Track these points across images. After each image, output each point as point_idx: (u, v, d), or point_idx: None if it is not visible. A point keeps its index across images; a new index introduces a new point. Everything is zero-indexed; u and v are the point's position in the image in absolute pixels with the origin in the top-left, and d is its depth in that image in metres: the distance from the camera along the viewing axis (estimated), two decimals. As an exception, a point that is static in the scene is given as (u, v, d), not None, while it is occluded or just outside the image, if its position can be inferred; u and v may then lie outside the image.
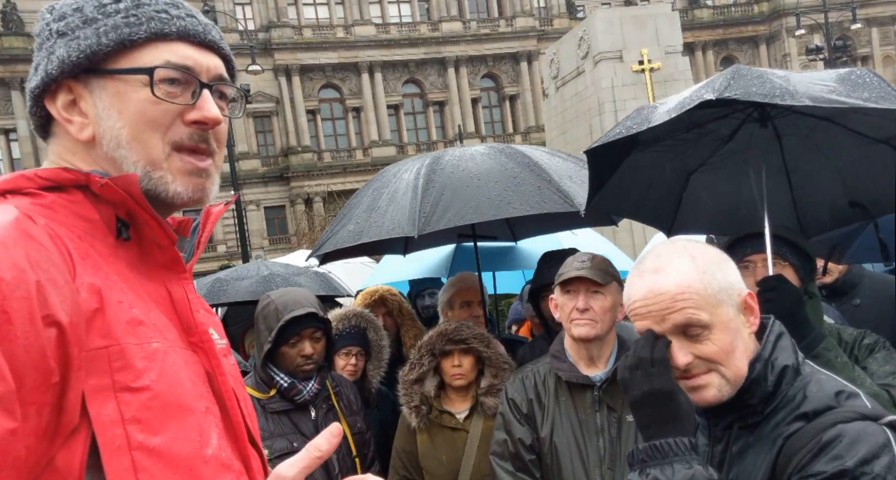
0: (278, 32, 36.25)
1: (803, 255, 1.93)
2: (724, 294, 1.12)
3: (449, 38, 38.57)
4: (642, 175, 2.26)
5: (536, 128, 36.43)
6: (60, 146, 0.82)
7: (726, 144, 2.17)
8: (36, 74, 0.80)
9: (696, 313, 1.10)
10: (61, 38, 0.79)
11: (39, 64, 0.81)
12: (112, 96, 0.79)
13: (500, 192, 2.49)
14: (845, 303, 2.88)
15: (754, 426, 1.13)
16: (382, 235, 2.59)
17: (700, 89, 1.71)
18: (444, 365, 2.39)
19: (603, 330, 1.98)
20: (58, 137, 0.82)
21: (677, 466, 1.05)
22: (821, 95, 1.58)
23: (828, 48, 23.40)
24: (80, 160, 0.81)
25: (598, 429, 1.94)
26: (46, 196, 0.75)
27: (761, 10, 41.74)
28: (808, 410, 1.08)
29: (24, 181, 0.75)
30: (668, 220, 2.47)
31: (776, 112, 1.97)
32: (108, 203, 0.77)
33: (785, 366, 1.13)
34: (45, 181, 0.75)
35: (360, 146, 37.77)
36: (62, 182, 0.76)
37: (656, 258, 1.16)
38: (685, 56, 16.14)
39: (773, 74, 1.66)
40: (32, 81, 0.80)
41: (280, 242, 34.21)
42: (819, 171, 2.21)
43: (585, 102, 15.75)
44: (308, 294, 2.35)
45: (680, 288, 1.11)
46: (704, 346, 1.11)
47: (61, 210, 0.75)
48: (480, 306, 3.21)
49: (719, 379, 1.11)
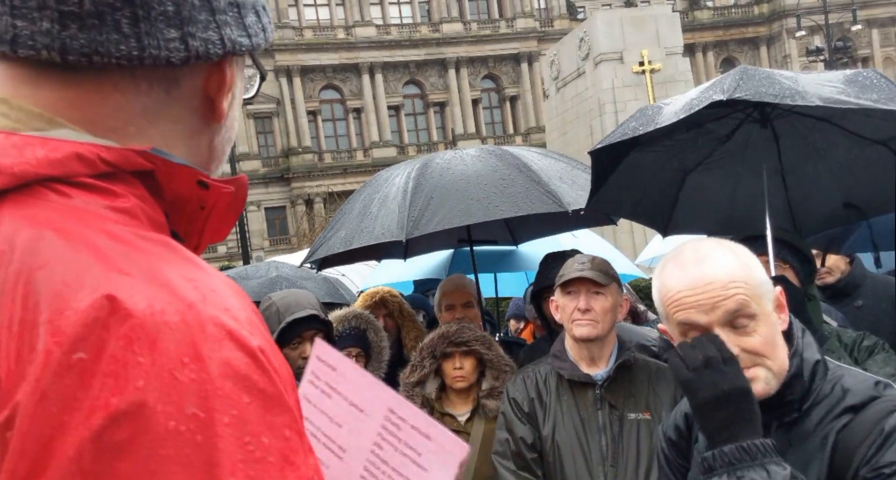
0: (279, 33, 36.28)
1: (803, 257, 1.94)
2: (765, 288, 1.13)
3: (450, 39, 38.61)
4: (640, 175, 2.27)
5: (537, 129, 36.44)
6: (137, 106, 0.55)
7: (724, 145, 2.18)
8: (241, 26, 0.58)
9: (747, 300, 1.09)
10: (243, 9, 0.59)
11: (241, 12, 0.58)
12: (240, 79, 0.63)
13: (488, 194, 2.50)
14: (847, 304, 2.88)
15: (792, 424, 1.12)
16: (373, 240, 2.60)
17: (708, 90, 1.71)
18: (446, 367, 2.40)
19: (604, 331, 1.99)
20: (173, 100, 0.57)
21: (773, 468, 1.01)
22: (830, 96, 1.59)
23: (828, 49, 23.41)
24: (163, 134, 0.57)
25: (600, 427, 1.95)
26: (122, 195, 0.52)
27: (761, 11, 41.76)
28: (854, 403, 1.08)
29: (80, 165, 0.50)
30: (663, 220, 2.47)
31: (776, 113, 1.98)
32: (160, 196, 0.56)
33: (816, 361, 1.13)
34: (106, 167, 0.51)
35: (360, 147, 37.80)
36: (127, 168, 0.52)
37: (695, 252, 1.15)
38: (686, 57, 16.16)
39: (780, 75, 1.67)
40: (238, 33, 0.57)
41: (280, 242, 34.23)
42: (815, 172, 2.22)
43: (586, 103, 15.76)
44: (309, 296, 2.35)
45: (731, 276, 1.09)
46: (752, 338, 1.09)
47: (142, 217, 0.52)
48: (470, 308, 3.18)
49: (766, 372, 1.09)
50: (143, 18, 0.52)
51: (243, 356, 0.45)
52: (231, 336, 0.45)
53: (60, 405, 0.40)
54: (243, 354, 0.45)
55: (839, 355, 1.71)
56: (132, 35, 0.52)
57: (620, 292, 2.07)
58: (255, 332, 0.47)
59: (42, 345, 0.41)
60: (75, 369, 0.41)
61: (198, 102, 0.59)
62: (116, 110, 0.54)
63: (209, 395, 0.42)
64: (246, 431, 0.43)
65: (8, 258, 0.44)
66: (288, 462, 0.44)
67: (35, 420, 0.40)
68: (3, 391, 0.41)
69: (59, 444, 0.40)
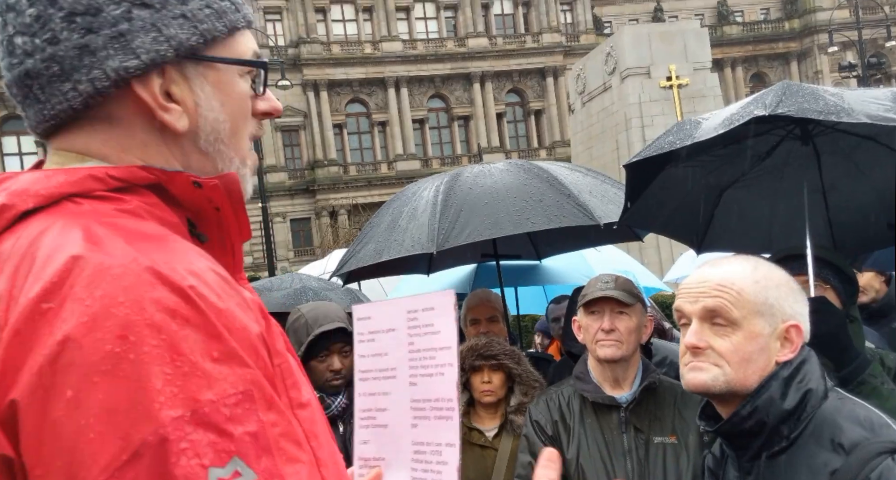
0: (307, 48, 36.88)
1: (845, 277, 1.89)
2: (767, 311, 1.14)
3: (475, 53, 38.84)
4: (675, 190, 2.24)
5: (562, 143, 36.35)
6: (124, 137, 0.68)
7: (762, 162, 2.14)
8: (128, 51, 0.65)
9: (728, 305, 1.13)
10: (147, 11, 0.66)
11: (127, 37, 0.65)
12: (213, 86, 0.70)
13: (518, 207, 2.50)
14: (885, 326, 2.81)
15: (781, 453, 1.11)
16: (402, 252, 2.60)
17: (749, 105, 1.69)
18: (474, 381, 2.38)
19: (628, 351, 1.96)
20: (117, 126, 0.68)
21: None
22: (878, 114, 1.55)
23: (861, 66, 23.02)
24: (154, 153, 0.69)
25: (626, 451, 1.92)
26: (128, 200, 0.64)
27: (792, 26, 41.26)
28: (844, 442, 1.06)
29: (94, 182, 0.64)
30: (698, 236, 2.44)
31: (818, 130, 1.94)
32: (179, 205, 0.68)
33: (809, 389, 1.12)
34: (116, 182, 0.64)
35: (385, 160, 38.07)
36: (136, 182, 0.65)
37: (723, 259, 1.22)
38: (714, 72, 16.03)
39: (825, 91, 1.64)
40: (122, 59, 0.65)
41: (305, 253, 34.50)
42: (857, 190, 2.17)
43: (612, 118, 15.70)
44: (337, 309, 2.36)
45: (725, 281, 1.15)
46: (722, 341, 1.14)
47: (147, 217, 0.64)
48: (495, 322, 3.15)
49: (717, 372, 1.13)
50: (45, 85, 0.67)
51: (173, 296, 0.56)
52: (163, 281, 0.56)
53: (29, 338, 0.54)
54: (173, 294, 0.56)
55: (882, 379, 1.66)
56: (46, 99, 0.67)
57: (645, 311, 2.04)
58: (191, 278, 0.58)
59: (23, 297, 0.56)
60: (45, 314, 0.54)
61: (145, 123, 0.69)
62: (101, 149, 0.69)
63: (139, 324, 0.54)
64: (174, 350, 0.54)
65: (24, 243, 0.59)
66: (215, 372, 0.55)
67: (10, 348, 0.54)
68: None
69: (27, 365, 0.53)
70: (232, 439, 0.54)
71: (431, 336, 1.01)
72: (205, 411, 0.53)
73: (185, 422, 0.52)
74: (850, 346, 1.69)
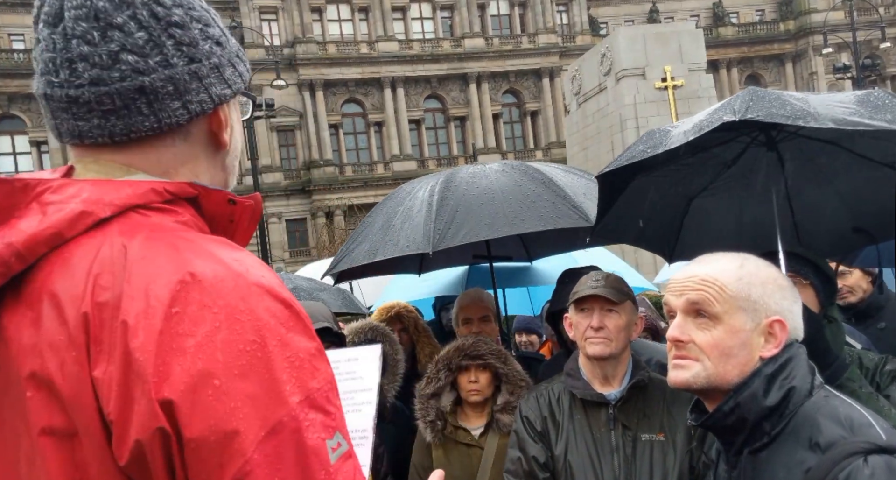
0: (303, 48, 36.86)
1: (824, 276, 1.89)
2: (750, 306, 1.15)
3: (471, 54, 38.88)
4: (645, 201, 2.24)
5: (558, 144, 36.40)
6: (188, 152, 0.80)
7: (729, 169, 2.15)
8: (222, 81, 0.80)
9: (709, 299, 1.16)
10: (219, 48, 0.80)
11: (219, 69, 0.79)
12: (235, 111, 0.85)
13: (514, 208, 2.50)
14: (870, 326, 2.82)
15: (761, 449, 1.12)
16: (397, 252, 2.60)
17: (717, 111, 1.69)
18: (461, 380, 2.39)
19: (617, 349, 1.97)
20: (190, 142, 0.79)
21: None
22: (843, 118, 1.55)
23: (856, 67, 23.11)
24: (203, 168, 0.81)
25: (613, 448, 1.93)
26: (181, 213, 0.75)
27: (787, 28, 41.43)
28: (820, 441, 1.06)
29: (154, 195, 0.74)
30: (669, 246, 2.44)
31: (782, 136, 1.94)
32: (203, 214, 0.79)
33: (792, 387, 1.12)
34: (169, 196, 0.75)
35: (381, 160, 38.07)
36: (182, 196, 0.76)
37: (714, 256, 1.24)
38: (709, 73, 16.07)
39: (790, 96, 1.64)
40: (221, 87, 0.79)
41: (300, 254, 34.48)
42: (822, 195, 2.18)
43: (607, 119, 15.73)
44: (323, 308, 2.36)
45: (709, 276, 1.18)
46: (703, 334, 1.16)
47: (194, 227, 0.76)
48: (487, 322, 3.15)
49: (698, 368, 1.16)
50: (154, 101, 0.75)
51: (278, 304, 0.69)
52: (269, 292, 0.69)
53: (171, 337, 0.64)
54: (277, 302, 0.69)
55: (860, 383, 1.65)
56: (150, 113, 0.76)
57: (635, 310, 2.05)
58: (283, 289, 0.71)
59: (153, 301, 0.65)
60: (174, 316, 0.64)
61: (207, 141, 0.82)
62: (158, 160, 0.78)
63: (260, 327, 0.66)
64: (287, 348, 0.67)
65: (122, 255, 0.68)
66: (314, 366, 0.69)
67: (158, 348, 0.63)
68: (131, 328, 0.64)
69: (176, 361, 0.63)
70: (333, 418, 0.68)
71: (353, 381, 1.25)
72: (314, 396, 0.67)
73: (305, 405, 0.66)
74: (828, 349, 1.68)
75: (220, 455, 0.62)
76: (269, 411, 0.64)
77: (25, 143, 33.80)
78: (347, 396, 1.20)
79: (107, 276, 0.66)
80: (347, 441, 0.69)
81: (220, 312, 0.65)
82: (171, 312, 0.64)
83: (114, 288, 0.66)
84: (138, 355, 0.63)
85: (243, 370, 0.64)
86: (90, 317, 0.65)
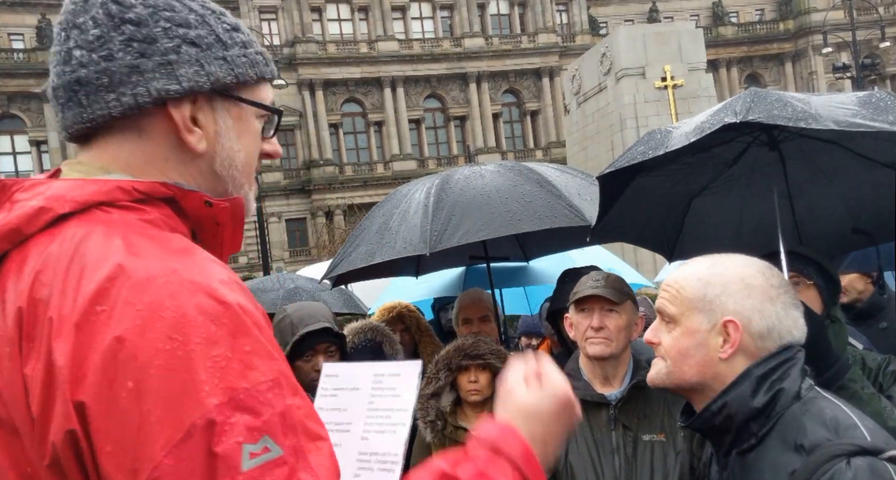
0: (303, 47, 36.86)
1: (827, 276, 1.89)
2: (706, 307, 1.16)
3: (471, 53, 38.87)
4: (645, 200, 2.24)
5: (557, 143, 36.41)
6: (150, 151, 0.78)
7: (730, 169, 2.14)
8: (172, 77, 0.77)
9: (667, 303, 1.20)
10: (194, 49, 0.78)
11: (173, 66, 0.77)
12: (234, 120, 0.83)
13: (510, 208, 2.50)
14: (872, 326, 2.82)
15: (750, 450, 1.12)
16: (394, 254, 2.60)
17: (718, 113, 1.68)
18: (461, 380, 2.39)
19: (618, 349, 1.97)
20: (145, 139, 0.78)
21: None
22: (845, 119, 1.55)
23: (855, 66, 23.11)
24: (173, 169, 0.80)
25: (614, 448, 1.92)
26: (149, 211, 0.75)
27: (787, 27, 41.43)
28: (805, 443, 1.05)
29: (120, 193, 0.74)
30: (669, 245, 2.44)
31: (784, 136, 1.94)
32: (186, 216, 0.79)
33: (781, 389, 1.11)
34: (139, 194, 0.75)
35: (381, 160, 38.07)
36: (155, 195, 0.76)
37: (697, 258, 1.27)
38: (709, 73, 16.09)
39: (792, 97, 1.64)
40: (166, 83, 0.76)
41: (300, 254, 34.49)
42: (823, 196, 2.17)
43: (607, 119, 15.74)
44: (323, 309, 2.36)
45: (673, 279, 1.22)
46: (665, 336, 1.20)
47: (164, 226, 0.75)
48: (486, 322, 3.15)
49: (662, 366, 1.21)
50: (91, 93, 0.76)
51: (213, 302, 0.66)
52: (204, 290, 0.66)
53: (89, 335, 0.63)
54: (213, 301, 0.66)
55: (862, 384, 1.64)
56: (88, 105, 0.77)
57: (636, 310, 2.05)
58: (230, 290, 0.68)
59: (80, 298, 0.64)
60: (96, 314, 0.63)
61: (173, 143, 0.79)
62: (116, 158, 0.79)
63: (184, 324, 0.63)
64: (215, 347, 0.64)
65: (70, 251, 0.68)
66: (248, 366, 0.65)
67: (74, 347, 0.63)
68: (55, 325, 0.64)
69: (90, 361, 0.62)
70: (263, 420, 0.64)
71: (392, 399, 1.15)
72: (241, 397, 0.63)
73: (227, 407, 0.62)
74: (830, 350, 1.67)
75: (131, 460, 0.60)
76: (185, 413, 0.61)
77: (25, 142, 33.80)
78: (385, 414, 1.14)
79: (48, 272, 0.67)
80: (289, 446, 0.64)
81: (144, 309, 0.63)
82: (94, 309, 0.63)
83: (52, 284, 0.66)
84: (57, 354, 0.63)
85: (160, 370, 0.61)
86: (24, 313, 0.66)
